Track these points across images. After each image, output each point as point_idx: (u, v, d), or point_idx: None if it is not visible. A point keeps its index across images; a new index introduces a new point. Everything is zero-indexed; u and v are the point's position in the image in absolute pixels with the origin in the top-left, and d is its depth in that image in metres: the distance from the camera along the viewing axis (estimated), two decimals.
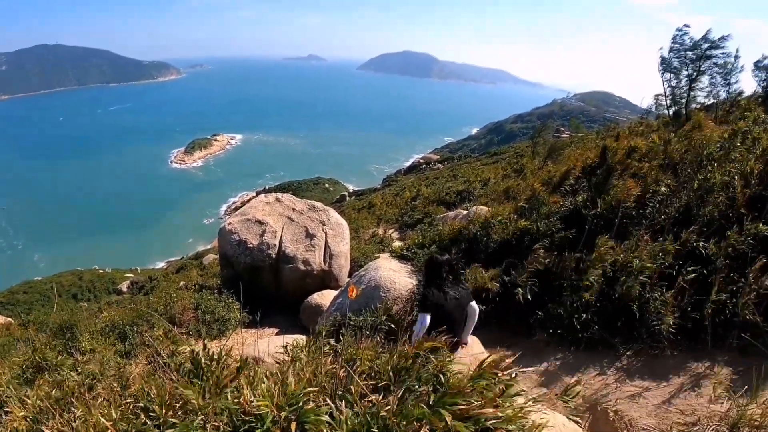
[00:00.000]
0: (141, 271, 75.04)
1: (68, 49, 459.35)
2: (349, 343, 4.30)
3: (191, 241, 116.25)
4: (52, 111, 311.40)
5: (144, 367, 5.21)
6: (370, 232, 21.34)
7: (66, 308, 21.20)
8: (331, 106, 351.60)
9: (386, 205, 35.54)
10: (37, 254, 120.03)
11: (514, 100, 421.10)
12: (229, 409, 2.91)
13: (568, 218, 9.29)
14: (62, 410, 3.71)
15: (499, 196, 17.44)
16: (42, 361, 6.05)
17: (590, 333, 6.83)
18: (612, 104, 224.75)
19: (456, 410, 2.65)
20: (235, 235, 13.23)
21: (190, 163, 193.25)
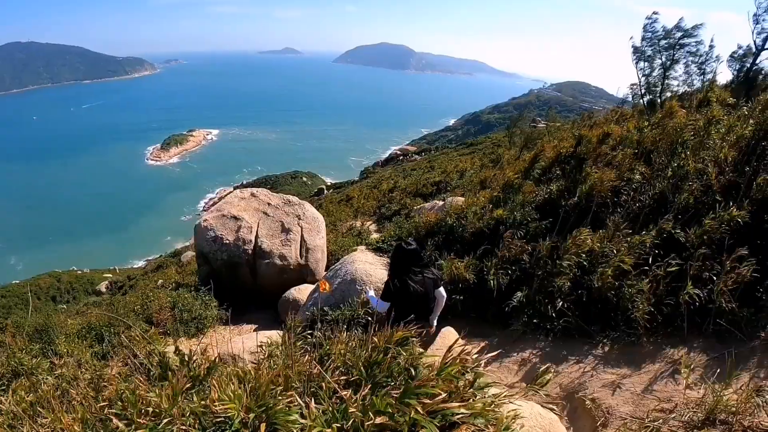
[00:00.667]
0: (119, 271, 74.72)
1: (41, 46, 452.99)
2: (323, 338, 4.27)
3: (169, 239, 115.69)
4: (26, 110, 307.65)
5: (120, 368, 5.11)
6: (347, 225, 21.27)
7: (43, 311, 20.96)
8: (307, 100, 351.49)
9: (364, 198, 35.50)
10: (13, 257, 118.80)
11: (490, 91, 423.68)
12: (195, 411, 2.86)
13: (544, 207, 9.30)
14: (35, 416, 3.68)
15: (476, 187, 17.42)
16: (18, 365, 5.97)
17: (566, 321, 6.82)
18: (588, 94, 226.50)
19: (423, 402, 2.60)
20: (210, 231, 13.12)
21: (167, 159, 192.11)
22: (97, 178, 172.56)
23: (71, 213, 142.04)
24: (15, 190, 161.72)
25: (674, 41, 16.88)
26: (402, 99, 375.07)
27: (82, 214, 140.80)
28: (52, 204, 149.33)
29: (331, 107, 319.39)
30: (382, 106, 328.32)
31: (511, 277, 7.95)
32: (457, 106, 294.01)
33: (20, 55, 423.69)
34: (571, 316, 6.75)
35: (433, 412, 2.58)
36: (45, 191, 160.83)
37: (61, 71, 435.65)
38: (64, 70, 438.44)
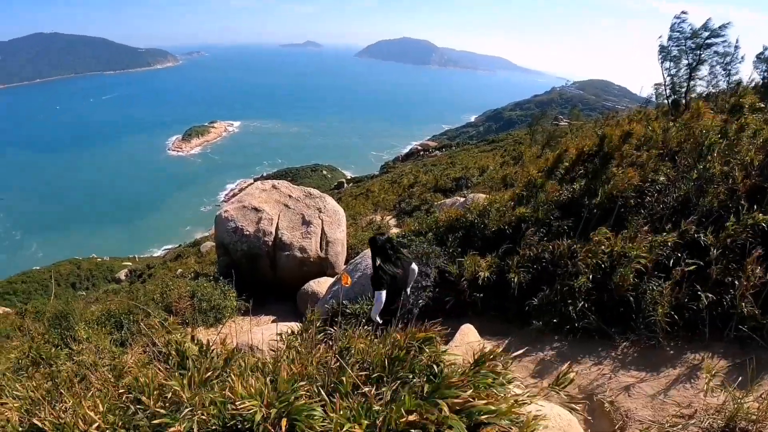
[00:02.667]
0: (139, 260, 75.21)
1: (64, 37, 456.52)
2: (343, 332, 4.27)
3: (189, 229, 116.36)
4: (49, 100, 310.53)
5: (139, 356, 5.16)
6: (367, 219, 21.30)
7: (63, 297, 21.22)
8: (328, 93, 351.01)
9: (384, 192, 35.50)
10: (35, 244, 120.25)
11: (512, 88, 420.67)
12: (216, 402, 2.87)
13: (566, 206, 9.23)
14: (54, 401, 3.68)
15: (497, 184, 17.37)
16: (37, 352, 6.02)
17: (586, 322, 6.77)
18: (611, 93, 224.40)
19: (449, 402, 2.60)
20: (231, 222, 13.19)
21: (188, 150, 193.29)
22: (118, 167, 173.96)
23: (92, 201, 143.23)
24: (38, 179, 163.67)
25: (701, 41, 16.68)
26: (423, 94, 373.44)
27: (103, 202, 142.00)
28: (73, 192, 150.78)
29: (351, 101, 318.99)
30: (403, 101, 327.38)
31: (532, 275, 7.90)
32: (478, 103, 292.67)
33: (43, 45, 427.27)
34: (591, 317, 6.71)
35: (459, 411, 2.58)
36: (67, 179, 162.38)
37: (84, 62, 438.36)
38: (87, 61, 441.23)
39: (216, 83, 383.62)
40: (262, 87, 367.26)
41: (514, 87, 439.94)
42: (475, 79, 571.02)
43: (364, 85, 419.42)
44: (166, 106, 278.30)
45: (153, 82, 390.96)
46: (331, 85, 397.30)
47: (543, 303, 7.39)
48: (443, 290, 8.83)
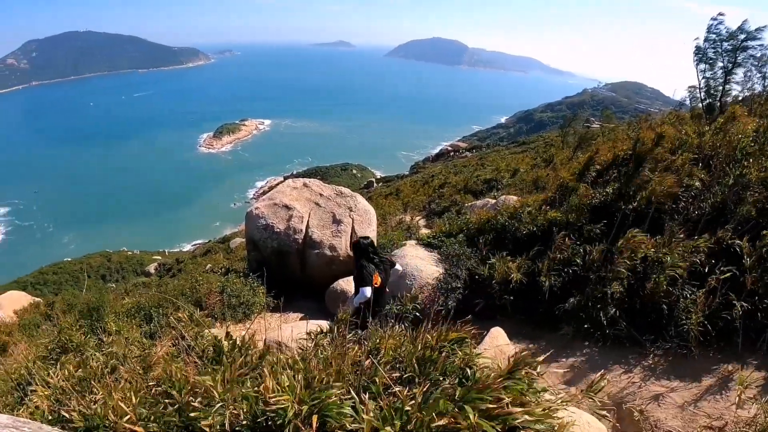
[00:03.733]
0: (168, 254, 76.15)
1: (98, 35, 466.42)
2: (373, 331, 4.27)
3: (218, 225, 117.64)
4: (83, 97, 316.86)
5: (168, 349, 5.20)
6: (396, 218, 21.25)
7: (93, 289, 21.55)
8: (359, 93, 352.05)
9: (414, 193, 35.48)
10: (66, 236, 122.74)
11: (544, 89, 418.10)
12: (248, 397, 2.90)
13: (599, 210, 9.14)
14: (84, 392, 3.72)
15: (528, 186, 17.25)
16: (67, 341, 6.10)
17: (617, 329, 6.70)
18: (644, 95, 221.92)
19: (482, 407, 2.60)
20: (262, 219, 13.26)
21: (219, 147, 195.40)
22: (150, 163, 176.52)
23: (123, 196, 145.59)
24: (71, 173, 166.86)
25: (737, 43, 16.44)
26: (454, 95, 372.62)
27: (134, 197, 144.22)
28: (105, 186, 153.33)
29: (382, 101, 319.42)
30: (433, 102, 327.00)
31: (563, 280, 7.85)
32: (509, 104, 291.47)
33: (78, 43, 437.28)
34: (623, 324, 6.64)
35: (493, 416, 2.58)
36: (99, 174, 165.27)
37: (118, 60, 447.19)
38: (120, 58, 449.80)
39: (247, 81, 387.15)
40: (293, 86, 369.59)
41: (546, 88, 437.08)
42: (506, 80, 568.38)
43: (394, 85, 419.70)
44: (197, 104, 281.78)
45: (185, 80, 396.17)
46: (361, 85, 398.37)
47: (574, 308, 7.34)
48: (473, 292, 8.82)
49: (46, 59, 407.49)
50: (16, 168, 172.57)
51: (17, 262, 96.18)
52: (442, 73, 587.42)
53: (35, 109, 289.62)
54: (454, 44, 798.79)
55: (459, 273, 9.11)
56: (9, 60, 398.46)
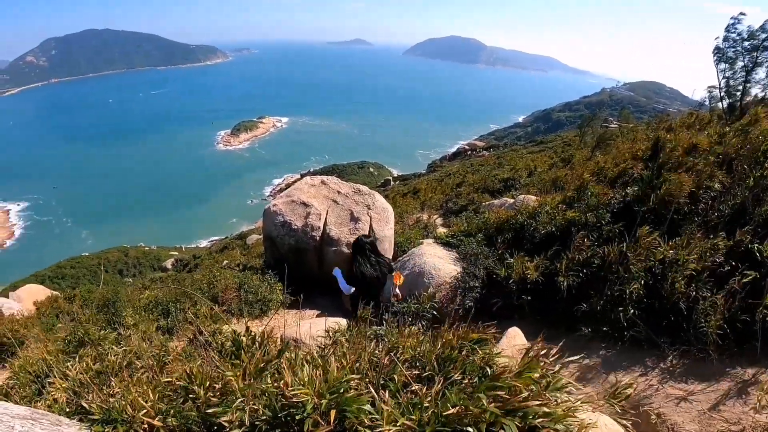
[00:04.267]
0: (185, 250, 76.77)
1: (117, 33, 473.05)
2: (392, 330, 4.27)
3: (235, 222, 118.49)
4: (102, 94, 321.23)
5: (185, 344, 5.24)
6: (414, 217, 21.23)
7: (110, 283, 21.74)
8: (376, 91, 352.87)
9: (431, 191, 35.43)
10: (84, 231, 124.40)
11: (562, 88, 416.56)
12: (268, 392, 2.91)
13: (618, 211, 9.08)
14: (102, 385, 3.77)
15: (547, 186, 17.16)
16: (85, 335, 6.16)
17: (635, 330, 6.64)
18: (663, 95, 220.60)
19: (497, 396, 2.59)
20: (279, 216, 13.29)
21: (236, 145, 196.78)
22: (167, 160, 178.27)
23: (141, 192, 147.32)
24: (90, 169, 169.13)
25: (758, 43, 16.28)
26: (471, 94, 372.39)
27: (152, 193, 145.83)
28: (123, 183, 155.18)
29: (399, 99, 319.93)
30: (451, 101, 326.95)
31: (581, 280, 7.80)
32: (527, 103, 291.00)
33: (96, 41, 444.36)
34: (641, 326, 6.59)
35: (512, 411, 2.56)
36: (117, 170, 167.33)
37: (136, 57, 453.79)
38: (139, 56, 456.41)
39: (265, 79, 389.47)
40: (310, 84, 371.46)
41: (563, 87, 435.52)
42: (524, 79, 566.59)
43: (411, 83, 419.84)
44: (215, 101, 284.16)
45: (203, 77, 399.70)
46: (379, 83, 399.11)
47: (592, 309, 7.29)
48: (490, 291, 8.80)
49: (65, 57, 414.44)
50: (35, 164, 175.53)
51: (35, 257, 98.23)
52: (460, 71, 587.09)
53: (54, 106, 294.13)
54: (471, 42, 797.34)
55: (477, 272, 9.09)
56: (28, 58, 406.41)
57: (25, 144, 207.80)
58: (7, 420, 2.64)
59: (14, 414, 2.83)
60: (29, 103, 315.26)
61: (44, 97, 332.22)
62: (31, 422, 2.77)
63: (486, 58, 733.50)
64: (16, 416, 2.80)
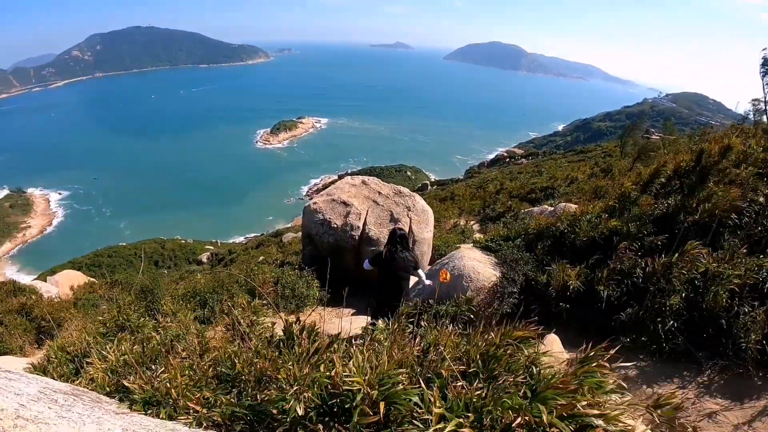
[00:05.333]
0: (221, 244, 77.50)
1: (160, 31, 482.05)
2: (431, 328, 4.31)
3: (271, 219, 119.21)
4: (145, 89, 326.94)
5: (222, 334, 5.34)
6: (451, 222, 21.26)
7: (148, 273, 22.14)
8: (416, 95, 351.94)
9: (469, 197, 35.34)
10: (122, 222, 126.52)
11: (602, 97, 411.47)
12: (319, 381, 2.96)
13: (660, 221, 8.99)
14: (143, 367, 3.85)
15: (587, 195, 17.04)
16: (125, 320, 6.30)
17: (674, 343, 6.58)
18: (705, 107, 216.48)
19: (556, 405, 2.62)
20: (319, 214, 13.43)
21: (275, 144, 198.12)
22: (207, 156, 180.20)
23: (180, 186, 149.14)
24: (130, 161, 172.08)
25: None
26: (511, 100, 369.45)
27: (190, 187, 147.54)
28: (162, 177, 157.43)
29: (439, 104, 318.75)
30: (490, 107, 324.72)
31: (621, 290, 7.76)
32: (567, 111, 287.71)
33: (140, 38, 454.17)
34: (680, 338, 6.54)
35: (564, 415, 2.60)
36: (157, 164, 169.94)
37: (179, 55, 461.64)
38: (182, 54, 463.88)
39: (306, 80, 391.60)
40: (351, 86, 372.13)
41: (604, 96, 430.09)
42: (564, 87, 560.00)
43: (451, 88, 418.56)
44: (256, 100, 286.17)
45: (245, 76, 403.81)
46: (419, 87, 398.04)
47: (631, 319, 7.25)
48: (528, 298, 8.78)
49: (109, 52, 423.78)
50: (77, 155, 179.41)
51: (74, 244, 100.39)
52: (500, 77, 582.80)
53: (98, 100, 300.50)
54: (512, 49, 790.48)
55: (516, 277, 9.08)
56: (74, 52, 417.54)
57: (68, 135, 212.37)
58: (50, 393, 2.75)
59: (56, 389, 2.95)
60: (74, 95, 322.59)
61: (88, 91, 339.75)
62: (73, 398, 2.87)
63: (526, 65, 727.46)
64: (58, 391, 2.91)
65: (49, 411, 2.36)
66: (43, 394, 2.68)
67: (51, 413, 2.34)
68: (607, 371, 3.16)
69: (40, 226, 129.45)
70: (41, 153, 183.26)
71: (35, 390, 2.70)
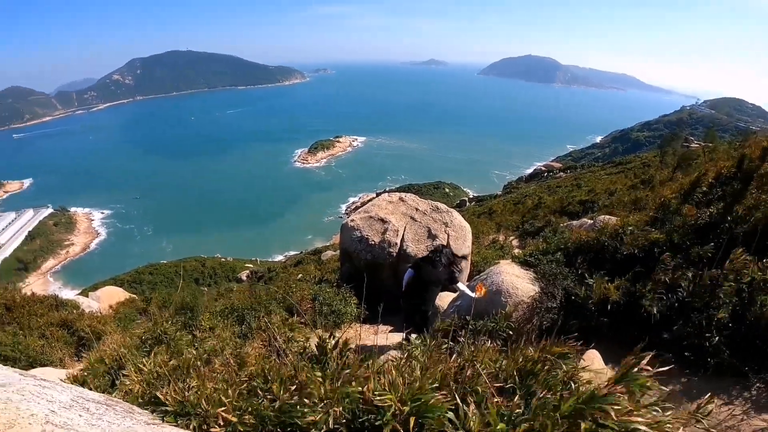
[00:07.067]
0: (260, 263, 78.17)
1: (198, 54, 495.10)
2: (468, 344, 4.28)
3: (310, 238, 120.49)
4: (184, 111, 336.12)
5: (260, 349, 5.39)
6: (489, 238, 21.13)
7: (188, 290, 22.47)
8: (452, 111, 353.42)
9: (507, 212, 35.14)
10: (164, 240, 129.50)
11: (639, 107, 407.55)
12: (351, 396, 2.96)
13: (702, 231, 8.77)
14: (177, 379, 3.88)
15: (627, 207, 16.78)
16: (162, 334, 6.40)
17: (719, 358, 6.37)
18: (744, 112, 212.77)
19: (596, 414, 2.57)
20: (357, 231, 13.48)
21: (313, 163, 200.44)
22: (246, 175, 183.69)
23: (220, 205, 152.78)
24: (171, 181, 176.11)
25: None
26: (547, 113, 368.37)
27: (230, 206, 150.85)
28: (202, 196, 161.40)
29: (475, 120, 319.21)
30: (527, 121, 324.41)
31: (665, 304, 7.59)
32: (604, 123, 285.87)
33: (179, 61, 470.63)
34: (726, 353, 6.35)
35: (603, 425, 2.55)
36: (197, 184, 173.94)
37: (216, 77, 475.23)
38: (219, 76, 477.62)
39: (342, 99, 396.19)
40: (387, 104, 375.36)
41: (641, 106, 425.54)
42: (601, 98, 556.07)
43: (487, 103, 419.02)
44: (293, 120, 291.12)
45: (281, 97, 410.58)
46: (454, 104, 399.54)
47: (674, 334, 7.08)
48: (568, 313, 8.63)
49: (149, 76, 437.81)
50: (119, 175, 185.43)
51: (116, 261, 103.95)
52: (536, 91, 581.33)
53: (138, 122, 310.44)
54: (547, 61, 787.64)
55: (555, 292, 8.94)
56: (115, 76, 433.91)
57: (110, 156, 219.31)
58: (82, 402, 2.79)
59: (89, 398, 2.98)
60: (115, 118, 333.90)
61: (129, 113, 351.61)
62: (105, 407, 2.91)
63: (562, 77, 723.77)
64: (91, 400, 2.95)
65: (79, 419, 2.39)
66: (75, 402, 2.72)
67: (81, 420, 2.37)
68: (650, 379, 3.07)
69: (83, 243, 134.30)
70: (84, 173, 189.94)
71: (68, 398, 2.74)
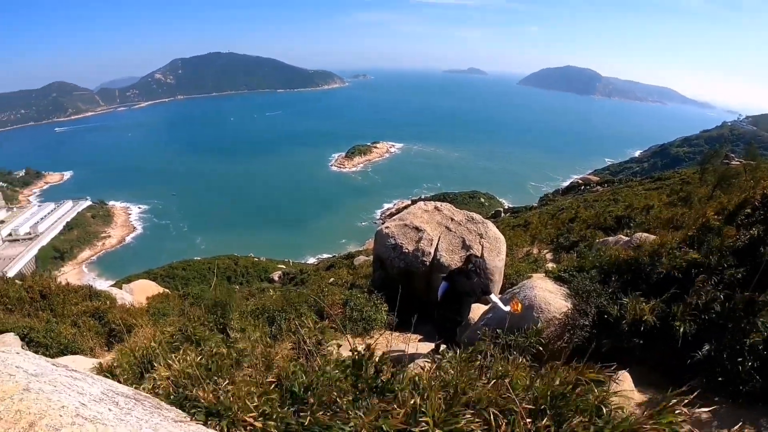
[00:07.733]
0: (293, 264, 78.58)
1: (239, 56, 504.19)
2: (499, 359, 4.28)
3: (344, 242, 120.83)
4: (224, 112, 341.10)
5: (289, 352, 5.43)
6: (524, 250, 21.01)
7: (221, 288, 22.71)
8: (490, 121, 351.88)
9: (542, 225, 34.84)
10: (199, 237, 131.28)
11: (679, 121, 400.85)
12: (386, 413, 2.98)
13: (741, 253, 8.61)
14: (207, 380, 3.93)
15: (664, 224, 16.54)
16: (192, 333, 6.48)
17: (751, 385, 6.21)
18: None
19: None
20: (391, 239, 13.52)
21: (350, 167, 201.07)
22: (282, 177, 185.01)
23: (255, 205, 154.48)
24: (208, 180, 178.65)
25: None
26: (586, 126, 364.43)
27: (265, 207, 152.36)
28: (239, 195, 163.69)
29: (513, 130, 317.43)
30: (565, 132, 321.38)
31: (698, 327, 7.46)
32: (643, 136, 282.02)
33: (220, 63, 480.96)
34: (757, 379, 6.21)
35: None
36: (234, 184, 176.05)
37: (256, 80, 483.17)
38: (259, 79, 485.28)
39: (380, 105, 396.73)
40: (425, 111, 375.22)
41: (682, 120, 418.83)
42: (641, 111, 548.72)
43: (526, 113, 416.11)
44: (331, 125, 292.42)
45: (320, 101, 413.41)
46: (493, 113, 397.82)
47: (707, 358, 6.96)
48: (600, 331, 8.54)
49: (190, 76, 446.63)
50: (157, 171, 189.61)
51: (150, 255, 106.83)
52: (575, 102, 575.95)
53: (179, 121, 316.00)
54: (586, 72, 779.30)
55: (588, 310, 8.86)
56: (157, 75, 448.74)
57: (150, 153, 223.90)
58: (112, 395, 2.87)
59: (119, 392, 3.07)
60: (156, 116, 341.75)
61: (170, 112, 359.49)
62: (134, 401, 2.98)
63: (602, 89, 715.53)
64: (121, 394, 3.03)
65: (108, 413, 2.45)
66: (105, 395, 2.79)
67: (110, 415, 2.43)
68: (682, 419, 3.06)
69: (119, 236, 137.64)
70: (124, 168, 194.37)
71: (98, 391, 2.82)
